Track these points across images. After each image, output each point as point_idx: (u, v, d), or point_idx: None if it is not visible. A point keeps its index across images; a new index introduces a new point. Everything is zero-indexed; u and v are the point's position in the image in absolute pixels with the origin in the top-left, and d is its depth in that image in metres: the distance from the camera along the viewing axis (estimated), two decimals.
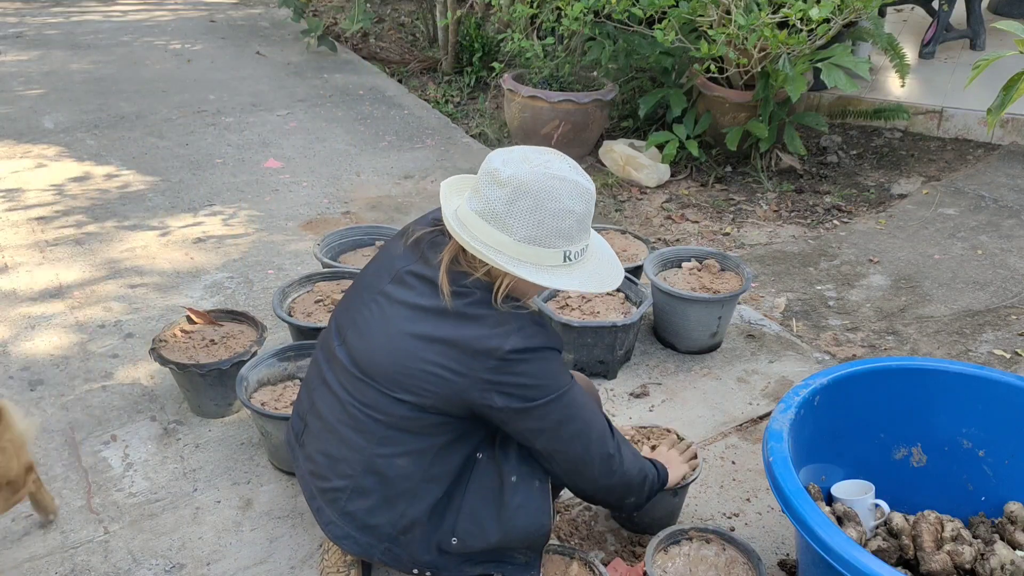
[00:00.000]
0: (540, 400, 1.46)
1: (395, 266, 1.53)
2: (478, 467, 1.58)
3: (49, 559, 1.89)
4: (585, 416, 1.54)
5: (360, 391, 1.51)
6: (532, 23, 4.36)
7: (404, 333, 1.45)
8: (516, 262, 1.40)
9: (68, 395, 2.41)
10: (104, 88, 4.86)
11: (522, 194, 1.38)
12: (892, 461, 1.96)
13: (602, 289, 1.47)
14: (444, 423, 1.50)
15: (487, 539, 1.56)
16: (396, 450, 1.50)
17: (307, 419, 1.64)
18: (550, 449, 1.53)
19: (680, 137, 3.94)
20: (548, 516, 1.59)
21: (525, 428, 1.50)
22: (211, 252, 3.19)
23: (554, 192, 1.39)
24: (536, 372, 1.45)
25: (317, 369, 1.65)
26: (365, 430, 1.51)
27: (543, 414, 1.47)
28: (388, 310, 1.49)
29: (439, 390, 1.44)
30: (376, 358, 1.49)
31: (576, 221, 1.42)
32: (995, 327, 2.91)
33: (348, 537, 1.58)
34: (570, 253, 1.43)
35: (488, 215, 1.40)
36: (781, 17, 3.33)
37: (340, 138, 4.33)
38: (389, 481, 1.52)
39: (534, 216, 1.39)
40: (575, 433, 1.52)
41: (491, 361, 1.41)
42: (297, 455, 1.68)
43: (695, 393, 2.50)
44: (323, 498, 1.59)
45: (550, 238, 1.40)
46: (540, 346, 1.45)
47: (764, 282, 3.19)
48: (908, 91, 4.64)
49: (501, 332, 1.41)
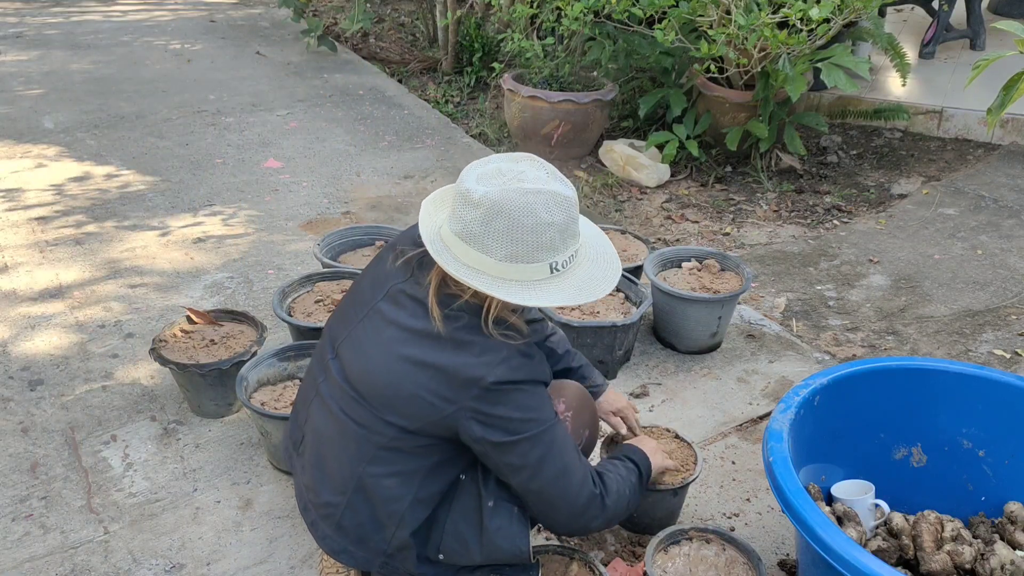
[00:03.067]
0: (520, 435, 1.43)
1: (388, 282, 1.52)
2: (461, 488, 1.57)
3: (49, 559, 1.89)
4: (566, 457, 1.50)
5: (352, 408, 1.50)
6: (532, 23, 4.36)
7: (396, 355, 1.43)
8: (500, 282, 1.36)
9: (68, 395, 2.41)
10: (104, 88, 4.86)
11: (495, 214, 1.33)
12: (892, 461, 1.96)
13: (592, 298, 1.41)
14: (432, 445, 1.48)
15: (472, 558, 1.56)
16: (385, 470, 1.49)
17: (304, 430, 1.63)
18: (528, 488, 1.49)
19: (680, 137, 3.94)
20: (525, 542, 1.57)
21: (504, 463, 1.47)
22: (211, 252, 3.19)
23: (528, 207, 1.33)
24: (519, 405, 1.42)
25: (312, 379, 1.64)
26: (357, 447, 1.50)
27: (523, 450, 1.44)
28: (382, 329, 1.47)
29: (426, 415, 1.43)
30: (369, 378, 1.47)
31: (557, 232, 1.36)
32: (995, 327, 2.91)
33: (345, 551, 1.57)
34: (556, 264, 1.38)
35: (467, 236, 1.37)
36: (781, 17, 3.33)
37: (340, 138, 4.33)
38: (378, 502, 1.51)
39: (511, 234, 1.34)
40: (557, 473, 1.48)
41: (475, 390, 1.39)
42: (295, 465, 1.68)
43: (695, 393, 2.50)
44: (317, 512, 1.58)
45: (532, 253, 1.36)
46: (524, 379, 1.42)
47: (764, 282, 3.19)
48: (908, 91, 4.64)
49: (486, 362, 1.39)
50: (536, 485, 1.48)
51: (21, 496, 2.06)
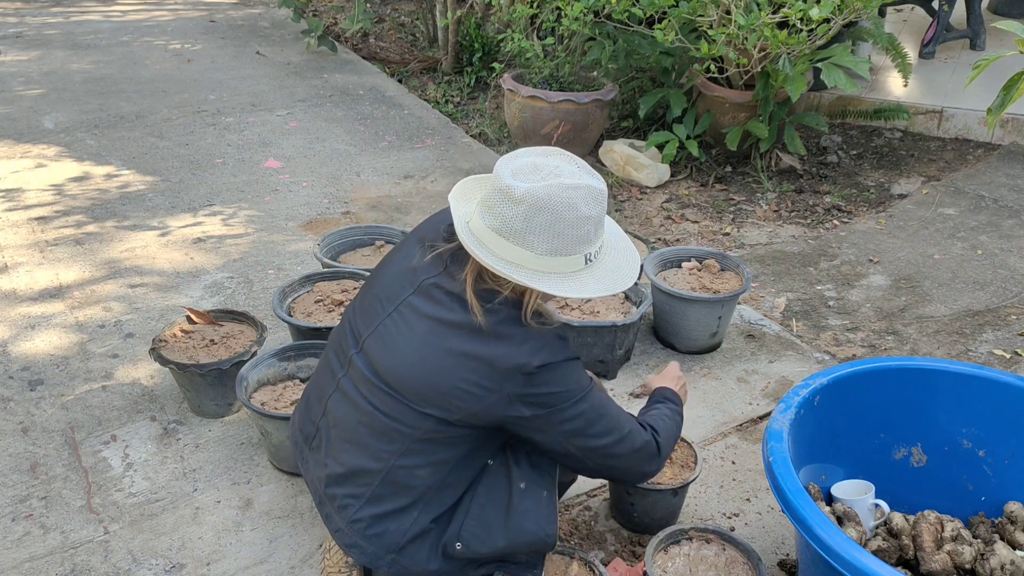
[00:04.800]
0: (566, 403, 1.48)
1: (418, 277, 1.52)
2: (487, 472, 1.59)
3: (49, 559, 1.89)
4: (613, 412, 1.56)
5: (384, 402, 1.51)
6: (532, 23, 4.36)
7: (435, 348, 1.46)
8: (539, 275, 1.41)
9: (68, 395, 2.41)
10: (104, 88, 4.86)
11: (539, 210, 1.37)
12: (892, 461, 1.96)
13: (622, 287, 1.49)
14: (468, 434, 1.51)
15: (494, 544, 1.56)
16: (419, 461, 1.51)
17: (319, 424, 1.63)
18: (587, 447, 1.54)
19: (680, 137, 3.94)
20: (553, 525, 1.60)
21: (558, 432, 1.51)
22: (211, 252, 3.19)
23: (571, 202, 1.38)
24: (560, 380, 1.47)
25: (330, 373, 1.64)
26: (390, 441, 1.51)
27: (573, 415, 1.50)
28: (416, 324, 1.49)
29: (468, 406, 1.45)
30: (405, 372, 1.48)
31: (593, 225, 1.42)
32: (995, 327, 2.91)
33: (356, 546, 1.58)
34: (590, 254, 1.44)
35: (506, 232, 1.40)
36: (781, 17, 3.33)
37: (340, 138, 4.33)
38: (407, 491, 1.53)
39: (553, 229, 1.39)
40: (606, 428, 1.54)
41: (519, 376, 1.43)
42: (307, 459, 1.67)
43: (695, 393, 2.50)
44: (332, 504, 1.59)
45: (571, 246, 1.41)
46: (564, 359, 1.48)
47: (764, 282, 3.19)
48: (908, 91, 4.64)
49: (528, 349, 1.44)
50: (593, 443, 1.53)
51: (21, 496, 2.06)
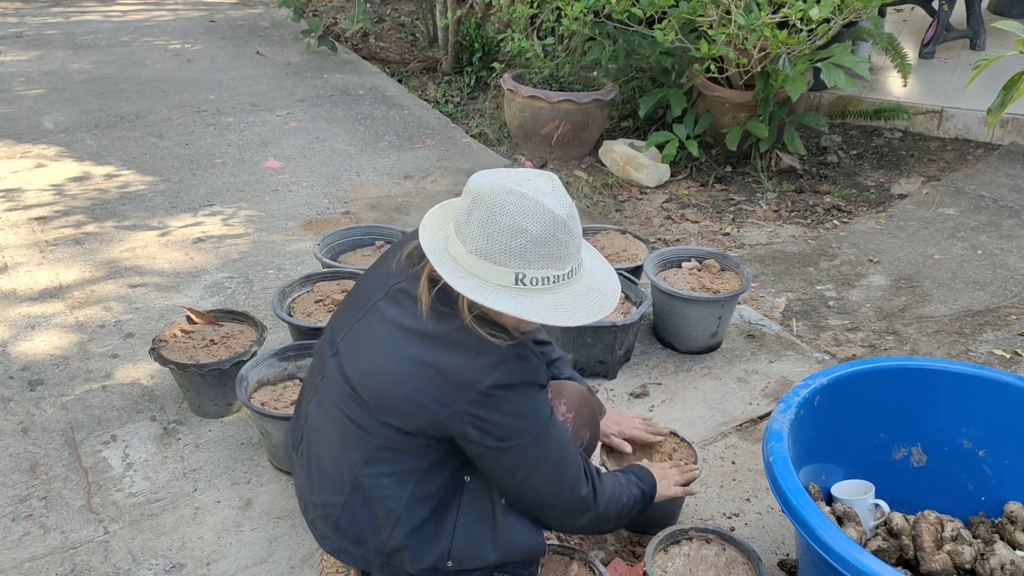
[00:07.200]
0: (516, 440, 1.43)
1: (389, 281, 1.51)
2: (468, 490, 1.56)
3: (49, 559, 1.89)
4: (561, 456, 1.50)
5: (350, 408, 1.50)
6: (532, 23, 4.36)
7: (393, 355, 1.43)
8: (463, 272, 1.36)
9: (68, 395, 2.41)
10: (104, 88, 4.86)
11: (478, 204, 1.34)
12: (892, 461, 1.96)
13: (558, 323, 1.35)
14: (429, 445, 1.47)
15: (486, 558, 1.55)
16: (382, 469, 1.48)
17: (304, 429, 1.63)
18: (522, 488, 1.50)
19: (680, 137, 3.94)
20: (541, 534, 1.59)
21: (498, 466, 1.47)
22: (211, 252, 3.19)
23: (507, 207, 1.32)
24: (514, 409, 1.41)
25: (311, 378, 1.64)
26: (355, 447, 1.50)
27: (518, 454, 1.44)
28: (379, 329, 1.47)
29: (421, 417, 1.42)
30: (368, 379, 1.46)
31: (529, 242, 1.32)
32: (995, 327, 2.91)
33: (344, 551, 1.57)
34: (524, 278, 1.34)
35: (456, 223, 1.39)
36: (781, 17, 3.33)
37: (340, 138, 4.33)
38: (375, 501, 1.50)
39: (485, 228, 1.33)
40: (550, 472, 1.48)
41: (471, 394, 1.38)
42: (295, 464, 1.68)
43: (695, 393, 2.50)
44: (316, 512, 1.58)
45: (499, 254, 1.33)
46: (519, 382, 1.40)
47: (764, 282, 3.19)
48: (908, 91, 4.64)
49: (482, 365, 1.38)
50: (529, 485, 1.49)
51: (21, 496, 2.06)
